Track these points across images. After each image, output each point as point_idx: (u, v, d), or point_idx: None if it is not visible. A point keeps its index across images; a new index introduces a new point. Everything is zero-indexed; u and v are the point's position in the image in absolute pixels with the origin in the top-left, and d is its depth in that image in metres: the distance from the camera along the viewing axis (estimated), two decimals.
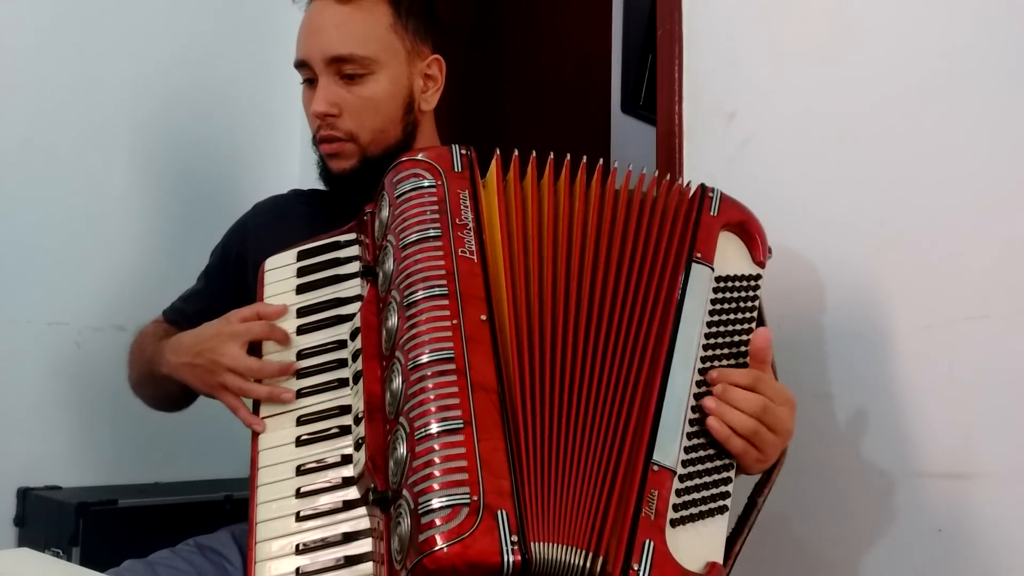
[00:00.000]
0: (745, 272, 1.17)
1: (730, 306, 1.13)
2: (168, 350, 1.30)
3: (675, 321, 1.08)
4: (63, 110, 2.06)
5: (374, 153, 1.35)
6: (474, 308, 1.03)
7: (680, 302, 1.09)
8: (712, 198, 1.19)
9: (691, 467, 1.01)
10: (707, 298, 1.11)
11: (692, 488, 1.00)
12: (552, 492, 0.95)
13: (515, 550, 0.89)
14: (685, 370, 1.05)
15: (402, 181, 1.14)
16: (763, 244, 1.19)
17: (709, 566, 0.96)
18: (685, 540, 0.97)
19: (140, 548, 1.28)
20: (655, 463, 0.98)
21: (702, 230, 1.16)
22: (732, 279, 1.15)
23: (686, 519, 0.98)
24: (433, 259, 1.06)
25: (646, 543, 0.93)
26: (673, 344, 1.06)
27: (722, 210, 1.19)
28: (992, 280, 1.26)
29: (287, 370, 1.18)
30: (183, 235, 2.19)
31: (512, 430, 0.97)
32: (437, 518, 0.89)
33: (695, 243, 1.14)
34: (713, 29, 1.63)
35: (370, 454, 1.02)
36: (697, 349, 1.07)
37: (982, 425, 1.26)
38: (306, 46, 1.35)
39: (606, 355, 1.05)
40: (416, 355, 1.00)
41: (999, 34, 1.29)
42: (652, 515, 0.95)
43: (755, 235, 1.19)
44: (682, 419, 1.03)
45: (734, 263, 1.17)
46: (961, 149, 1.31)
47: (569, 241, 1.11)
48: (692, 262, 1.12)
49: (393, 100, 1.36)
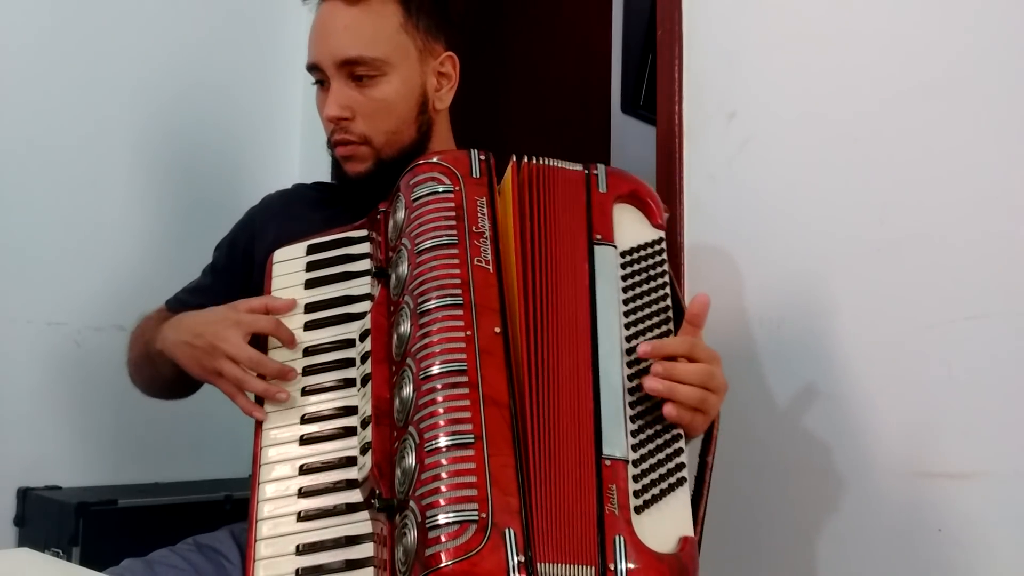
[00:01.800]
0: (647, 239, 1.15)
1: (641, 278, 1.12)
2: (168, 327, 1.28)
3: (591, 309, 1.06)
4: (63, 110, 2.06)
5: (389, 155, 1.33)
6: (488, 320, 1.02)
7: (592, 288, 1.08)
8: (598, 175, 1.17)
9: (641, 449, 1.01)
10: (617, 276, 1.10)
11: (647, 470, 1.00)
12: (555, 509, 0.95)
13: (521, 569, 0.89)
14: (613, 356, 1.04)
15: (419, 184, 1.13)
16: (658, 207, 1.17)
17: (681, 541, 0.96)
18: (652, 523, 0.97)
19: (140, 548, 1.28)
20: (606, 457, 0.98)
21: (595, 209, 1.14)
22: (636, 250, 1.14)
23: (648, 502, 0.98)
24: (448, 267, 1.05)
25: (616, 539, 0.93)
26: (596, 333, 1.05)
27: (610, 184, 1.17)
28: (992, 280, 1.26)
29: (287, 374, 1.16)
30: (183, 235, 2.19)
31: (522, 447, 0.96)
32: (443, 534, 0.89)
33: (592, 225, 1.12)
34: (713, 29, 1.63)
35: (376, 460, 1.02)
36: (620, 331, 1.06)
37: (982, 425, 1.26)
38: (317, 49, 1.34)
39: (561, 363, 1.03)
40: (428, 365, 0.99)
41: (999, 34, 1.29)
42: (615, 509, 0.95)
43: (648, 200, 1.18)
44: (622, 406, 1.02)
45: (634, 233, 1.15)
46: (961, 149, 1.31)
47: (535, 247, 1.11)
48: (594, 244, 1.11)
49: (406, 101, 1.34)
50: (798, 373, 1.45)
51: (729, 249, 1.54)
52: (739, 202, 1.55)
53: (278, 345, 1.19)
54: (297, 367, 1.18)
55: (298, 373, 1.17)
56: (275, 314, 1.21)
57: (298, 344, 1.19)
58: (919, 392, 1.31)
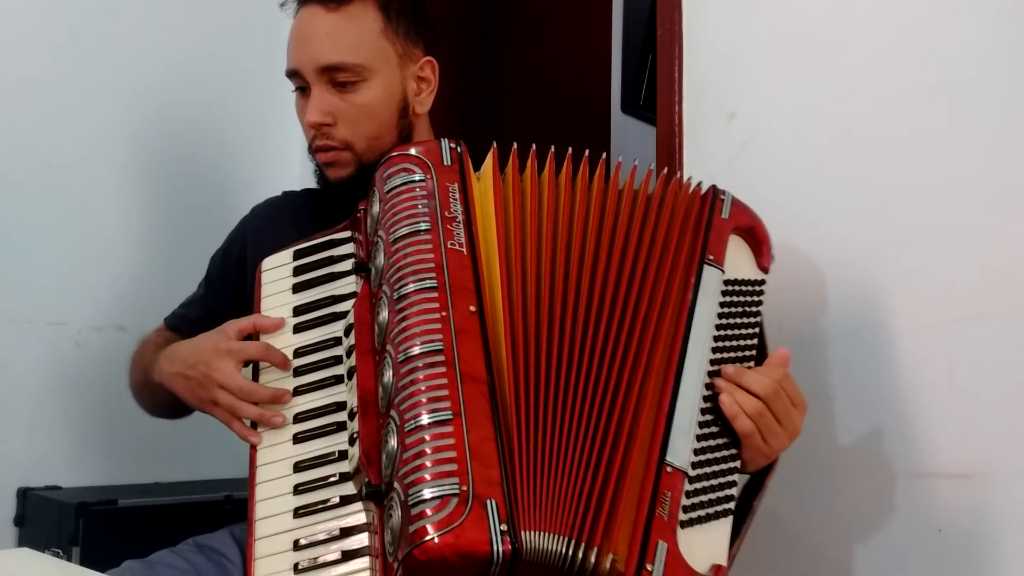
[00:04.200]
0: (751, 277, 1.18)
1: (737, 310, 1.14)
2: (163, 358, 1.30)
3: (688, 322, 1.08)
4: (63, 110, 2.06)
5: (370, 160, 1.32)
6: (463, 299, 1.03)
7: (692, 303, 1.10)
8: (724, 200, 1.20)
9: (701, 468, 1.02)
10: (717, 300, 1.12)
11: (701, 490, 1.01)
12: (543, 482, 0.95)
13: (505, 539, 0.89)
14: (697, 371, 1.06)
15: (392, 176, 1.15)
16: (769, 251, 1.20)
17: (714, 569, 0.97)
18: (692, 541, 0.97)
19: (140, 548, 1.28)
20: (668, 464, 0.99)
21: (713, 232, 1.16)
22: (739, 283, 1.16)
23: (695, 520, 0.99)
24: (422, 252, 1.06)
25: (659, 544, 0.94)
26: (686, 345, 1.07)
27: (733, 213, 1.19)
28: (992, 280, 1.26)
29: (280, 398, 1.17)
30: (183, 235, 2.19)
31: (502, 420, 0.97)
32: (427, 508, 0.90)
33: (707, 245, 1.15)
34: (713, 29, 1.63)
35: (364, 449, 1.03)
36: (707, 351, 1.08)
37: (982, 425, 1.26)
38: (297, 55, 1.33)
39: (606, 349, 1.05)
40: (406, 348, 1.00)
41: (999, 35, 1.29)
42: (666, 516, 0.96)
43: (762, 241, 1.21)
44: (694, 420, 1.03)
45: (741, 267, 1.18)
46: (961, 149, 1.31)
47: (569, 235, 1.12)
48: (704, 263, 1.13)
49: (387, 106, 1.35)
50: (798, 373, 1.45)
51: None
52: None
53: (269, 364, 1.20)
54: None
55: (290, 393, 1.17)
56: (264, 333, 1.22)
57: (289, 348, 1.20)
58: (919, 392, 1.31)
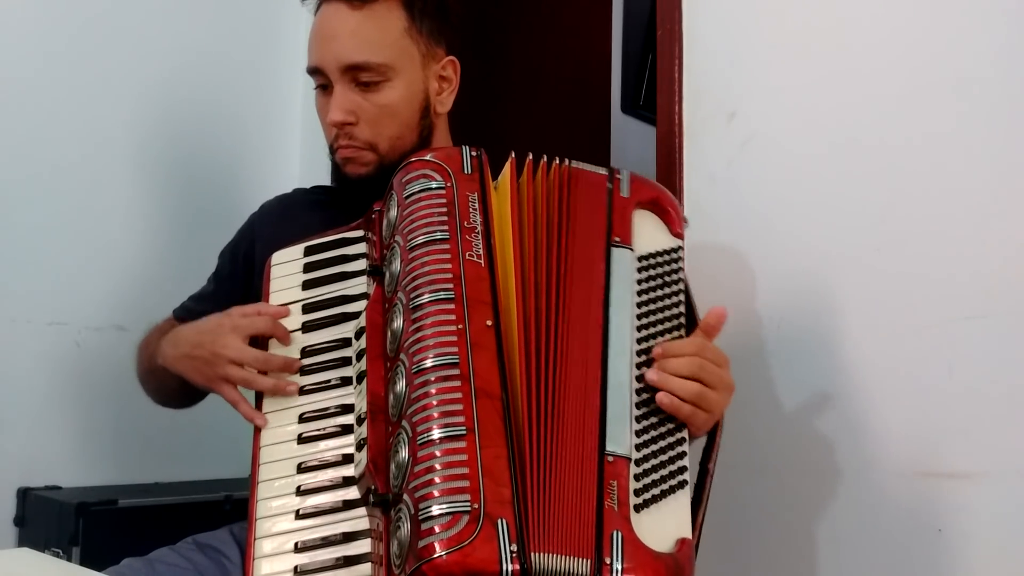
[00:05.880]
0: (665, 247, 1.17)
1: (656, 283, 1.13)
2: (166, 342, 1.29)
3: (604, 310, 1.08)
4: (64, 110, 2.06)
5: (392, 160, 1.31)
6: (480, 313, 1.03)
7: (607, 290, 1.09)
8: (621, 179, 1.19)
9: (645, 449, 1.02)
10: (632, 279, 1.11)
11: (649, 470, 1.01)
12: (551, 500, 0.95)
13: (514, 559, 0.89)
14: (623, 356, 1.05)
15: (411, 182, 1.14)
16: (678, 216, 1.19)
17: (679, 543, 0.97)
18: (651, 522, 0.97)
19: (140, 548, 1.28)
20: (609, 454, 0.99)
21: (616, 213, 1.15)
22: (653, 256, 1.15)
23: (649, 502, 0.99)
24: (440, 262, 1.06)
25: (614, 534, 0.93)
26: (607, 333, 1.06)
27: (633, 189, 1.18)
28: (992, 280, 1.26)
29: (291, 366, 1.17)
30: (184, 235, 2.19)
31: (515, 438, 0.96)
32: (437, 525, 0.90)
33: (611, 227, 1.14)
34: (713, 29, 1.63)
35: (372, 455, 1.02)
36: (631, 332, 1.07)
37: (982, 425, 1.26)
38: (320, 53, 1.31)
39: (570, 358, 1.04)
40: (420, 359, 1.00)
41: (1000, 34, 1.29)
42: (615, 505, 0.95)
43: (669, 209, 1.19)
44: (628, 404, 1.03)
45: (654, 240, 1.17)
46: (962, 149, 1.31)
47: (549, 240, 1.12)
48: (611, 247, 1.12)
49: (409, 106, 1.33)
50: (798, 373, 1.45)
51: (729, 249, 1.54)
52: (739, 202, 1.55)
53: (275, 346, 1.20)
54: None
55: (300, 361, 1.18)
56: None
57: (296, 345, 1.19)
58: (919, 392, 1.31)
